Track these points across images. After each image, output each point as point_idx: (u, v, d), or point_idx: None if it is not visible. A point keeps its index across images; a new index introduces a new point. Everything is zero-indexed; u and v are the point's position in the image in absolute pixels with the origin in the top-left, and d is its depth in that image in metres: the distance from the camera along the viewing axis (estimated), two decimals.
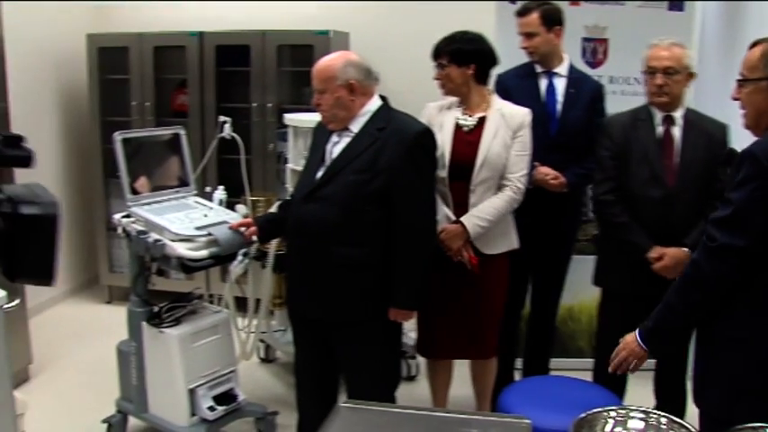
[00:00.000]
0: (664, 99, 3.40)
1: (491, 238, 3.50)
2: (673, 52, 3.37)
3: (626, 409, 2.07)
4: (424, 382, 4.45)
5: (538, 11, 3.86)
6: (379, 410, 1.92)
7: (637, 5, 4.48)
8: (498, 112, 3.47)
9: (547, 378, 3.84)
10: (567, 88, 3.96)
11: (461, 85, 3.49)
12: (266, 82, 5.53)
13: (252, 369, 4.67)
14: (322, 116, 3.14)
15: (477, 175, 3.44)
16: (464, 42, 3.47)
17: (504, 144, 3.43)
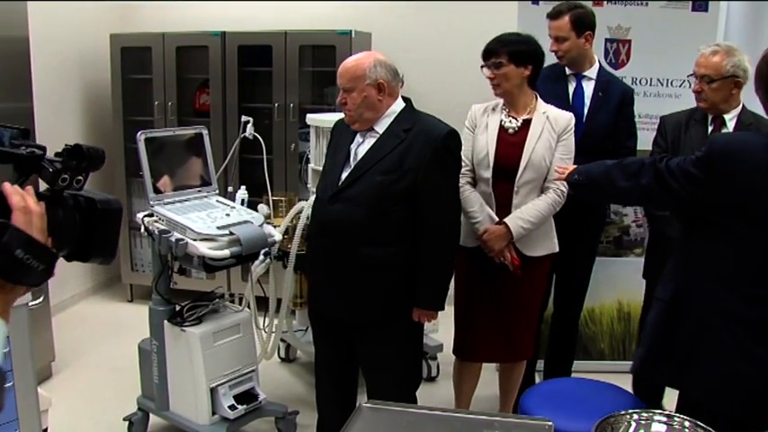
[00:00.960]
0: (702, 104, 3.52)
1: (533, 240, 3.50)
2: (711, 60, 3.44)
3: (649, 413, 2.06)
4: (445, 382, 4.46)
5: (569, 15, 3.84)
6: (400, 411, 1.92)
7: (660, 6, 4.44)
8: (543, 115, 3.46)
9: (568, 380, 3.83)
10: (595, 91, 3.95)
11: (517, 85, 3.44)
12: (288, 82, 5.53)
13: (272, 368, 4.68)
14: (347, 115, 3.13)
15: (520, 177, 3.43)
16: (523, 43, 3.43)
17: (549, 146, 3.42)
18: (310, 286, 3.41)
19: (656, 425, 2.02)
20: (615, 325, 4.68)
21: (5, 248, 1.17)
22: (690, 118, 3.61)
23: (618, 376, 4.24)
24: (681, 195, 2.36)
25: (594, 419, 2.00)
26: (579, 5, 3.91)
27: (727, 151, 2.27)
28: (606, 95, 3.94)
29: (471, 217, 3.47)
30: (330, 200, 3.09)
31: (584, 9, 3.91)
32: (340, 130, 3.29)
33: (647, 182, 2.44)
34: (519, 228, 3.40)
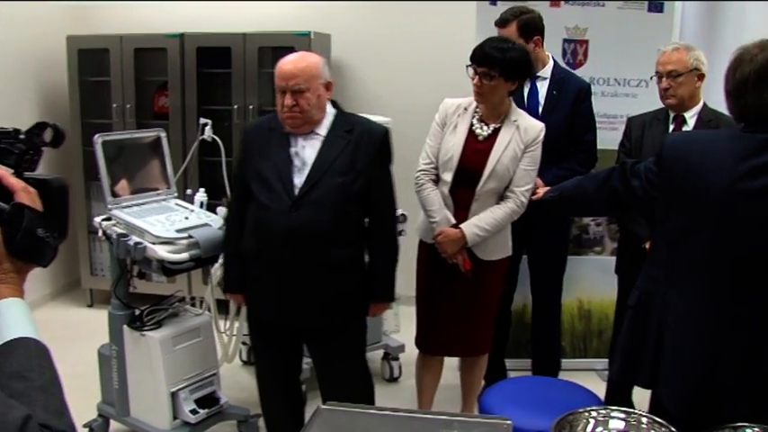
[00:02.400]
0: (671, 101, 3.59)
1: (488, 245, 3.53)
2: (673, 57, 3.56)
3: (607, 410, 2.08)
4: (407, 383, 4.47)
5: (516, 22, 3.86)
6: (359, 412, 1.92)
7: (617, 7, 4.49)
8: (514, 124, 3.45)
9: (529, 378, 3.86)
10: (549, 90, 3.99)
11: (499, 97, 3.43)
12: (247, 84, 5.51)
13: (234, 372, 4.64)
14: (296, 118, 3.04)
15: (483, 185, 3.44)
16: (517, 58, 3.36)
17: (514, 157, 3.42)
18: (261, 298, 3.25)
19: (614, 421, 2.04)
20: (576, 323, 4.71)
21: (29, 230, 1.22)
22: (654, 118, 3.69)
23: (579, 374, 4.29)
24: (639, 194, 2.39)
25: (554, 417, 2.01)
26: (525, 11, 3.93)
27: (676, 149, 2.30)
28: (561, 93, 3.98)
29: (430, 216, 3.51)
30: (292, 207, 3.04)
31: (531, 14, 3.92)
32: (260, 135, 3.19)
33: (615, 184, 2.48)
34: (474, 235, 3.43)
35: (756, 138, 2.14)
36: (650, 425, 2.01)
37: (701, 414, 2.09)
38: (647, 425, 2.01)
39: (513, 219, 3.49)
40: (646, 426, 2.01)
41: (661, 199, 2.32)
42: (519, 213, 3.47)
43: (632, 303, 2.50)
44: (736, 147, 2.16)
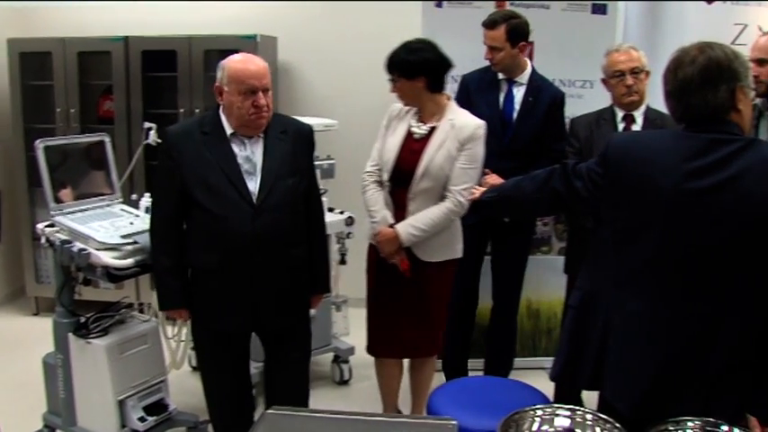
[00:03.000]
0: (635, 98, 3.66)
1: (430, 246, 3.53)
2: (632, 55, 3.66)
3: (552, 407, 2.10)
4: (358, 386, 4.48)
5: (505, 25, 3.89)
6: (305, 416, 1.91)
7: (561, 8, 4.54)
8: (450, 122, 3.46)
9: (477, 378, 3.87)
10: (525, 96, 4.02)
11: (416, 96, 3.49)
12: (193, 87, 5.46)
13: (183, 378, 4.59)
14: (263, 118, 3.04)
15: (416, 185, 3.47)
16: (409, 54, 3.43)
17: (449, 156, 3.43)
18: (225, 311, 3.16)
19: (560, 419, 2.06)
20: (525, 322, 4.74)
21: None
22: (599, 117, 3.73)
23: (529, 372, 4.33)
24: (583, 195, 2.39)
25: (501, 417, 2.02)
26: (515, 15, 3.97)
27: (621, 149, 2.31)
28: (536, 100, 4.02)
29: (370, 216, 3.57)
30: (254, 215, 3.00)
31: (520, 19, 3.96)
32: (191, 140, 3.05)
33: (556, 185, 2.47)
34: (408, 234, 3.45)
35: (701, 138, 2.17)
36: (595, 421, 2.03)
37: (651, 413, 2.10)
38: (591, 421, 2.04)
39: (452, 218, 3.49)
40: (590, 422, 2.03)
41: (607, 199, 2.33)
42: (457, 213, 3.48)
43: (575, 304, 2.51)
44: (682, 147, 2.18)
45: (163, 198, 3.14)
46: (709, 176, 2.12)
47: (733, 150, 2.13)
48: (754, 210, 2.09)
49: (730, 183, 2.10)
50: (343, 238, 4.31)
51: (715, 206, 2.11)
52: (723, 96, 2.17)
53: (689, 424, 2.02)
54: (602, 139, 3.54)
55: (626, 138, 2.53)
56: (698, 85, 2.18)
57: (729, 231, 2.10)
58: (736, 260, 2.07)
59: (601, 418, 2.04)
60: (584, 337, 2.42)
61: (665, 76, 2.28)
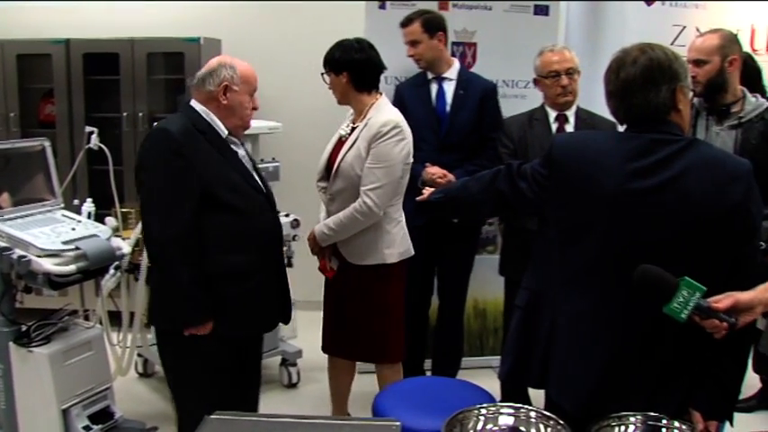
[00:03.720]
0: (569, 98, 3.71)
1: (353, 248, 3.55)
2: (567, 55, 3.71)
3: (496, 406, 2.10)
4: (306, 389, 4.47)
5: (419, 20, 4.00)
6: (248, 420, 1.90)
7: (503, 10, 4.59)
8: (367, 121, 3.47)
9: (423, 379, 3.89)
10: (456, 91, 4.08)
11: (342, 93, 3.53)
12: (137, 90, 5.42)
13: (130, 384, 4.54)
14: (249, 121, 3.11)
15: (332, 185, 3.52)
16: (336, 50, 3.50)
17: (358, 155, 3.43)
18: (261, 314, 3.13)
19: (504, 417, 2.06)
20: (472, 322, 4.78)
21: None
22: (531, 118, 3.77)
23: (476, 371, 4.36)
24: (528, 196, 2.40)
25: (446, 417, 2.03)
26: (429, 11, 4.08)
27: (566, 149, 2.32)
28: (467, 93, 4.09)
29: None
30: (270, 209, 3.12)
31: (434, 13, 4.09)
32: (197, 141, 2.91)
33: (501, 186, 2.47)
34: (321, 233, 3.54)
35: (643, 138, 2.20)
36: (539, 419, 2.04)
37: (595, 410, 2.12)
38: (535, 419, 2.05)
39: (360, 219, 3.43)
40: (534, 420, 2.04)
41: (552, 200, 2.34)
42: (365, 214, 3.42)
43: (521, 304, 2.53)
44: (625, 147, 2.20)
45: (176, 202, 2.84)
46: (652, 176, 2.14)
47: (675, 150, 2.16)
48: (695, 209, 2.12)
49: (672, 182, 2.13)
50: (289, 240, 4.29)
51: (658, 206, 2.14)
52: (665, 96, 2.20)
53: (631, 419, 2.05)
54: (537, 140, 3.60)
55: (569, 138, 2.54)
56: (640, 86, 2.20)
57: (672, 230, 2.13)
58: (679, 259, 2.09)
59: (545, 415, 2.05)
60: (532, 337, 2.44)
61: (606, 76, 2.30)
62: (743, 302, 2.00)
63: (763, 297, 2.05)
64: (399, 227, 3.59)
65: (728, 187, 2.13)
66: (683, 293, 1.96)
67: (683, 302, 1.96)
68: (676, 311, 1.96)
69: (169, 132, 2.86)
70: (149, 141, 2.92)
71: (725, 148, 3.19)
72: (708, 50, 3.32)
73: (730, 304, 1.98)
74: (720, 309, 1.97)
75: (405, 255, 3.62)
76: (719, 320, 1.97)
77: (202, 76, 2.97)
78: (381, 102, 3.55)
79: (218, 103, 2.95)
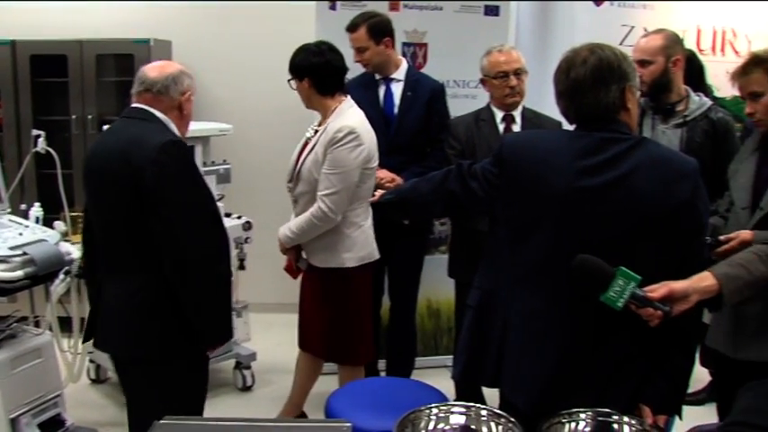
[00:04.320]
0: (517, 98, 3.72)
1: (314, 251, 3.59)
2: (514, 55, 3.71)
3: (447, 405, 2.12)
4: (261, 392, 4.46)
5: (365, 25, 3.95)
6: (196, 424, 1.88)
7: (454, 10, 4.61)
8: (326, 126, 3.47)
9: (377, 380, 3.88)
10: (404, 92, 4.08)
11: (307, 98, 3.54)
12: (86, 93, 5.34)
13: (82, 391, 4.48)
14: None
15: (295, 187, 3.54)
16: (297, 55, 3.49)
17: (316, 160, 3.44)
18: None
19: (455, 416, 2.08)
20: (426, 322, 4.80)
21: None
22: (477, 118, 3.77)
23: (431, 371, 4.37)
24: (479, 195, 2.40)
25: (398, 417, 2.03)
26: (374, 14, 4.02)
27: (516, 148, 2.33)
28: (415, 94, 4.08)
29: None
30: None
31: (380, 17, 4.02)
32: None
33: (452, 186, 2.47)
34: (284, 236, 3.57)
35: (593, 136, 2.22)
36: (490, 417, 2.06)
37: (547, 408, 2.14)
38: (486, 417, 2.06)
39: (318, 223, 3.44)
40: (485, 418, 2.06)
41: (502, 199, 2.35)
42: (322, 219, 3.43)
43: (473, 303, 2.53)
44: (575, 146, 2.22)
45: (207, 218, 2.79)
46: (601, 175, 2.17)
47: (624, 149, 2.19)
48: (643, 206, 2.15)
49: (621, 180, 2.16)
50: (241, 243, 4.27)
51: (607, 204, 2.16)
52: (614, 96, 2.23)
53: (581, 416, 2.07)
54: (484, 140, 3.62)
55: (520, 137, 2.56)
56: (590, 85, 2.22)
57: (620, 228, 2.16)
58: (627, 256, 2.12)
59: (496, 413, 2.07)
60: (484, 336, 2.45)
61: (556, 76, 2.32)
62: (677, 291, 2.07)
63: (697, 286, 2.11)
64: (360, 231, 3.58)
65: (676, 185, 2.17)
66: (618, 283, 2.02)
67: (620, 291, 2.02)
68: (612, 300, 2.02)
69: (183, 143, 2.74)
70: (167, 156, 2.63)
71: (671, 147, 3.24)
72: (652, 51, 3.36)
73: (665, 293, 2.05)
74: (655, 298, 2.04)
75: (366, 259, 3.62)
76: (654, 309, 2.03)
77: (164, 83, 2.79)
78: (344, 106, 3.54)
79: (180, 112, 2.85)
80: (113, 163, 2.66)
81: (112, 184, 2.67)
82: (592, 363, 2.24)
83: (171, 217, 2.61)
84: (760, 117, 2.73)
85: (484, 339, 2.45)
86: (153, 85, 2.77)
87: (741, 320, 2.73)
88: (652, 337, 2.22)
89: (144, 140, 2.64)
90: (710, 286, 2.14)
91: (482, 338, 2.46)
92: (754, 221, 2.72)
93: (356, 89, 3.96)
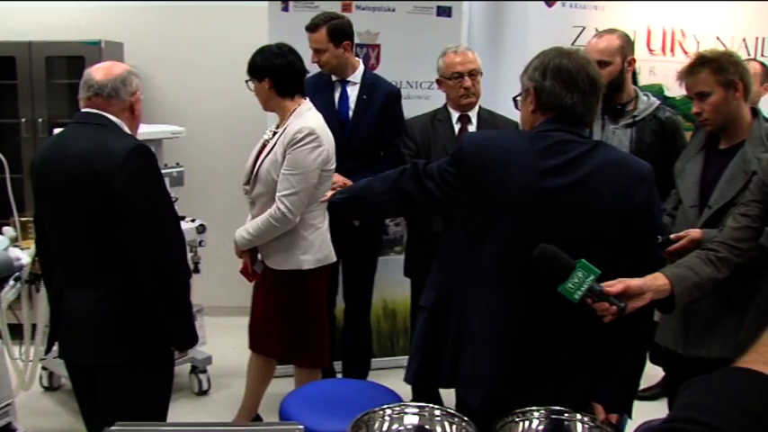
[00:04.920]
0: (472, 99, 3.73)
1: (268, 252, 3.56)
2: (470, 56, 3.72)
3: (401, 406, 2.12)
4: (217, 395, 4.43)
5: (325, 27, 3.93)
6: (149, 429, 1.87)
7: (406, 11, 4.63)
8: (286, 127, 3.46)
9: (331, 382, 3.85)
10: (359, 95, 4.07)
11: (265, 99, 3.52)
12: (35, 95, 5.26)
13: (34, 399, 4.42)
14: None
15: (252, 189, 3.51)
16: (257, 57, 3.48)
17: (275, 161, 3.43)
18: None
19: (409, 417, 2.09)
20: (382, 323, 4.81)
21: None
22: (433, 119, 3.79)
23: (388, 372, 4.37)
24: (436, 195, 2.36)
25: (352, 418, 2.03)
26: (336, 16, 4.02)
27: (477, 148, 2.31)
28: (371, 97, 4.07)
29: None
30: None
31: (341, 19, 4.01)
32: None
33: (407, 186, 2.42)
34: (240, 237, 3.55)
35: (554, 137, 2.23)
36: (443, 416, 2.08)
37: (503, 407, 2.15)
38: (440, 417, 2.08)
39: (277, 225, 3.44)
40: (439, 418, 2.08)
41: (460, 198, 2.32)
42: (279, 220, 3.42)
43: (428, 305, 2.48)
44: (537, 146, 2.22)
45: (175, 222, 2.83)
46: (563, 176, 2.18)
47: (583, 151, 2.21)
48: (602, 208, 2.18)
49: (582, 182, 2.18)
50: (195, 246, 4.24)
51: (568, 205, 2.18)
52: (576, 100, 2.26)
53: (534, 414, 2.10)
54: (440, 141, 3.63)
55: (479, 137, 2.53)
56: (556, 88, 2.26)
57: (580, 229, 2.18)
58: (584, 257, 2.14)
59: (449, 413, 2.09)
60: (440, 337, 2.44)
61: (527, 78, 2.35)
62: (633, 288, 2.12)
63: (652, 284, 2.18)
64: (318, 233, 3.58)
65: (633, 189, 2.21)
66: (578, 275, 2.04)
67: (578, 284, 2.04)
68: (570, 291, 2.04)
69: (148, 148, 2.72)
70: (134, 162, 2.60)
71: (621, 147, 3.29)
72: (611, 51, 3.37)
73: (621, 289, 2.09)
74: (612, 293, 2.07)
75: (323, 261, 3.61)
76: (610, 304, 2.06)
77: (114, 85, 2.75)
78: (303, 108, 3.53)
79: (131, 113, 2.83)
80: (73, 169, 2.61)
81: (73, 192, 2.62)
82: (546, 362, 2.26)
83: (143, 223, 2.60)
84: (706, 117, 2.78)
85: (438, 340, 2.45)
86: (103, 88, 2.73)
87: (690, 318, 2.79)
88: (605, 337, 2.25)
89: (107, 146, 2.60)
90: (663, 286, 2.21)
91: (437, 339, 2.45)
92: (703, 220, 2.77)
93: (311, 90, 3.95)
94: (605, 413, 2.23)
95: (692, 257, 2.44)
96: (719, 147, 2.87)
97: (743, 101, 2.78)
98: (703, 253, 2.45)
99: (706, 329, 2.76)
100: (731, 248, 2.46)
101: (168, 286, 2.69)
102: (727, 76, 2.72)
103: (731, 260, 2.44)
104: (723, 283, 2.46)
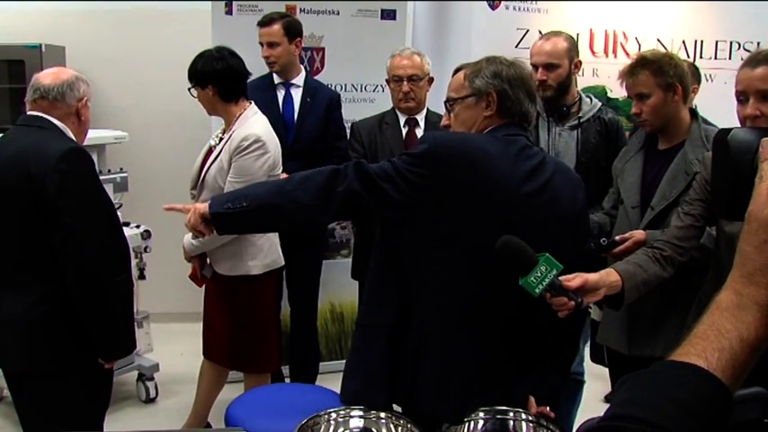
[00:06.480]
0: (411, 104, 3.76)
1: (221, 259, 3.54)
2: (414, 61, 3.73)
3: (347, 410, 2.13)
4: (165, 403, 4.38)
5: (281, 22, 3.98)
6: None
7: (351, 14, 4.63)
8: (231, 134, 3.43)
9: (278, 386, 3.84)
10: (303, 98, 4.09)
11: (210, 105, 3.49)
12: None
13: None
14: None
15: (199, 195, 3.47)
16: (198, 62, 3.43)
17: (221, 167, 3.40)
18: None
19: (354, 420, 2.10)
20: (330, 326, 4.81)
21: None
22: (381, 121, 3.81)
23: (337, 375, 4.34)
24: (392, 197, 2.16)
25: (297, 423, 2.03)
26: (290, 15, 4.11)
27: (452, 149, 2.20)
28: (314, 101, 4.10)
29: None
30: None
31: (295, 18, 4.11)
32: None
33: (354, 187, 2.17)
34: (189, 244, 3.51)
35: (520, 141, 2.26)
36: (389, 419, 2.09)
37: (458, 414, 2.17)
38: (385, 420, 2.09)
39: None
40: (384, 421, 2.09)
41: (429, 201, 2.18)
42: None
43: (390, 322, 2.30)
44: (511, 150, 2.23)
45: (105, 227, 2.75)
46: (536, 180, 2.22)
47: (543, 155, 2.29)
48: (560, 210, 2.25)
49: (547, 185, 2.23)
50: (140, 252, 4.20)
51: (540, 207, 2.22)
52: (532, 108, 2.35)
53: (480, 414, 2.12)
54: (387, 144, 3.64)
55: (456, 138, 2.31)
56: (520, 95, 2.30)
57: (544, 231, 2.18)
58: None
59: (394, 415, 2.10)
60: (396, 354, 2.29)
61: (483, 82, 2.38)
62: (590, 283, 2.16)
63: (607, 280, 2.24)
64: (266, 238, 3.56)
65: (577, 192, 2.32)
66: (541, 269, 2.02)
67: (540, 277, 2.03)
68: (531, 285, 2.02)
69: (83, 151, 2.71)
70: (67, 163, 2.58)
71: (568, 148, 3.35)
72: (558, 54, 3.39)
73: (580, 284, 2.11)
74: (571, 287, 2.08)
75: (271, 266, 3.61)
76: (568, 299, 2.07)
77: (60, 89, 2.73)
78: (248, 112, 3.50)
79: (77, 118, 2.81)
80: (8, 173, 2.59)
81: (7, 195, 2.59)
82: (505, 365, 2.28)
83: (73, 226, 2.57)
84: (645, 117, 2.83)
85: (395, 356, 2.29)
86: (48, 91, 2.72)
87: (634, 319, 2.82)
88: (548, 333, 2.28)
89: (42, 148, 2.59)
90: (615, 282, 2.27)
91: (393, 356, 2.29)
92: (646, 221, 2.81)
93: (255, 92, 3.92)
94: (537, 406, 2.26)
95: (639, 254, 2.49)
96: (659, 147, 2.92)
97: (681, 103, 2.83)
98: (650, 251, 2.49)
99: (650, 329, 2.80)
100: (675, 247, 2.50)
101: (94, 294, 2.63)
102: (666, 78, 2.76)
103: (675, 259, 2.49)
104: (667, 283, 2.51)
